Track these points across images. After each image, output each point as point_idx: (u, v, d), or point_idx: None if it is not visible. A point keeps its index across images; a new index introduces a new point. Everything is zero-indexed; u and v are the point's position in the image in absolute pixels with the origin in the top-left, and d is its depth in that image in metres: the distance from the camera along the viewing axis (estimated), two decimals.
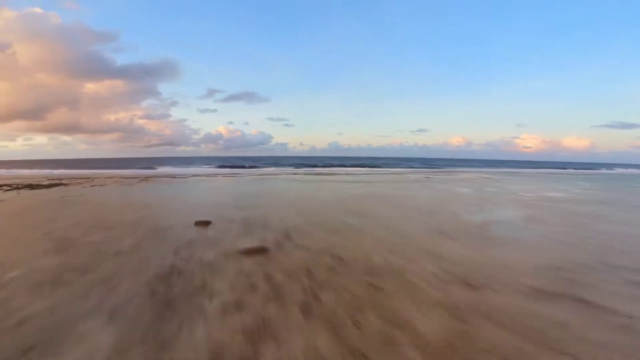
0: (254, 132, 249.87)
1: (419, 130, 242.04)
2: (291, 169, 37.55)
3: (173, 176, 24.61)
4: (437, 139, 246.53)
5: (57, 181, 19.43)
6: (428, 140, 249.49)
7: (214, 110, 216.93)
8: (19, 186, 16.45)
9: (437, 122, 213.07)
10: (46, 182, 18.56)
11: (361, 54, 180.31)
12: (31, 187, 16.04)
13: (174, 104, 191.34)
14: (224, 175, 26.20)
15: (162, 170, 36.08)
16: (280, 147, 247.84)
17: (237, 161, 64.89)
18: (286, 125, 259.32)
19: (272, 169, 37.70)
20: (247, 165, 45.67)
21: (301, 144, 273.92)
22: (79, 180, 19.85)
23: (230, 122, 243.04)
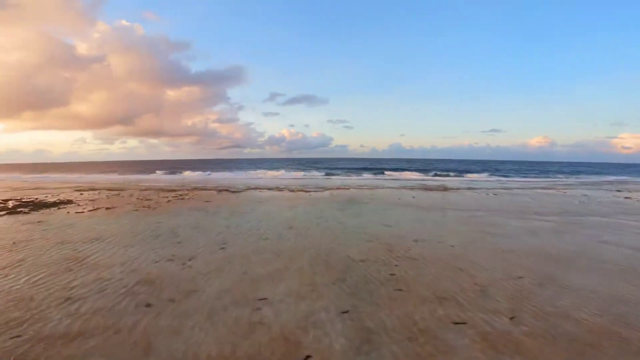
0: (314, 135, 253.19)
1: (492, 131, 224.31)
2: (387, 178, 32.17)
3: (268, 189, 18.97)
4: (513, 139, 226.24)
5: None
6: (502, 140, 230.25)
7: (277, 114, 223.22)
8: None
9: (513, 122, 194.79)
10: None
11: (423, 53, 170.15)
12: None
13: (241, 108, 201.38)
14: (328, 189, 19.46)
15: (245, 178, 33.45)
16: (340, 149, 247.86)
17: (305, 165, 61.75)
18: (346, 127, 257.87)
19: (366, 178, 32.37)
20: (320, 171, 41.77)
21: (361, 146, 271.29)
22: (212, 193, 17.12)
23: (292, 125, 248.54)
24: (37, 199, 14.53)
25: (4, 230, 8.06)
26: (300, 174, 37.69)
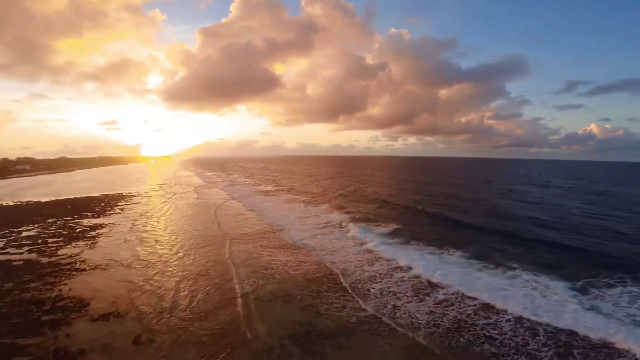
0: None
1: None
2: None
3: None
4: None
5: None
6: None
7: (578, 106, 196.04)
8: None
9: None
10: None
11: None
12: None
13: (525, 102, 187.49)
14: None
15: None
16: None
17: None
18: None
19: None
20: None
21: None
22: None
23: (605, 119, 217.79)
24: None
25: None
26: None
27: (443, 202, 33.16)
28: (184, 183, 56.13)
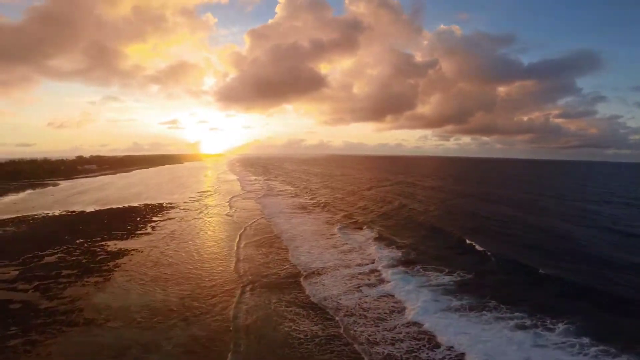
0: None
1: None
2: None
3: None
4: None
5: None
6: None
7: None
8: None
9: None
10: None
11: None
12: None
13: (600, 99, 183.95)
14: None
15: None
16: None
17: None
18: None
19: None
20: None
21: None
22: None
23: None
24: None
25: None
26: None
27: (508, 233, 27.35)
28: (223, 191, 55.97)
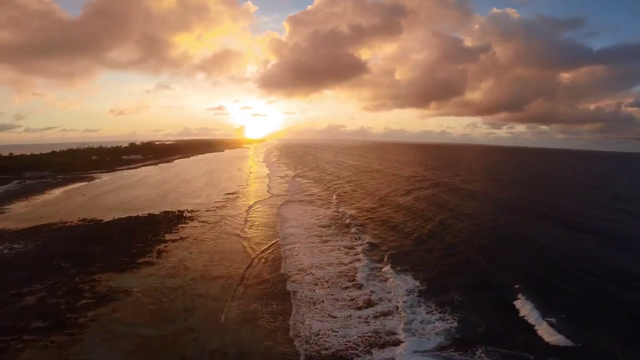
0: None
1: None
2: None
3: None
4: None
5: None
6: None
7: None
8: None
9: None
10: None
11: None
12: None
13: None
14: None
15: None
16: None
17: None
18: None
19: None
20: None
21: None
22: None
23: None
24: None
25: None
26: None
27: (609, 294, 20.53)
28: (250, 192, 53.39)
